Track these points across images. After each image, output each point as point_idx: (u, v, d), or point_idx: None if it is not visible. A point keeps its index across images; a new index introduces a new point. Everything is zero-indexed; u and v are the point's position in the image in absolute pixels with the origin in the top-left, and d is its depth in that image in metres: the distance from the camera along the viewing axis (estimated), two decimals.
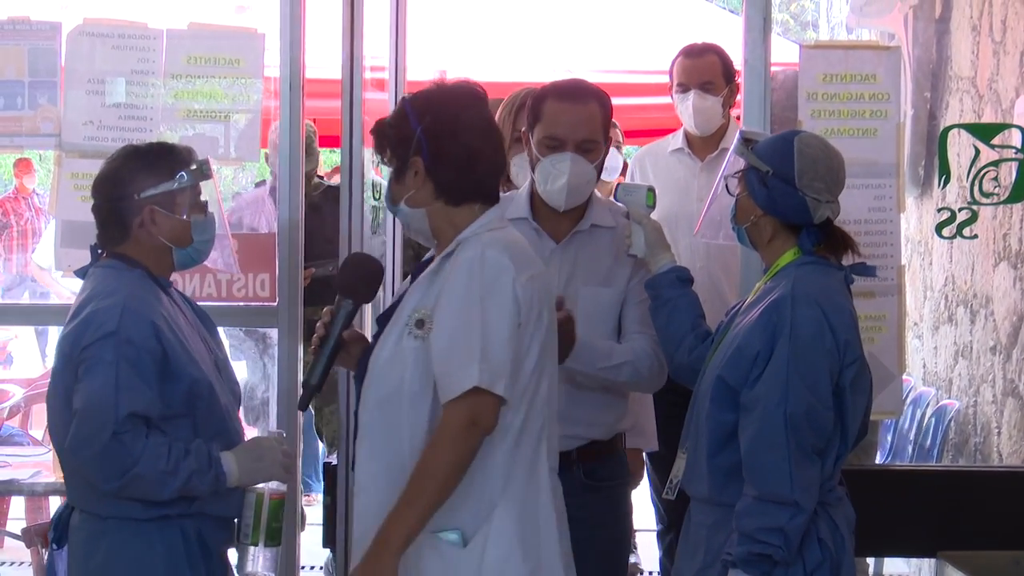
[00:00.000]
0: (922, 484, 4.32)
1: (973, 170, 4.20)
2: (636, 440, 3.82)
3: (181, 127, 4.19)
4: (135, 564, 3.12)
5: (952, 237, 4.47)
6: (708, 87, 4.51)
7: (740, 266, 4.06)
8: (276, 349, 4.24)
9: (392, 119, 2.97)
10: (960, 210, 4.25)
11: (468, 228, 2.91)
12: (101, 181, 3.26)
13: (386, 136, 2.96)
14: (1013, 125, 4.61)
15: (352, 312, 3.07)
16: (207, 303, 3.89)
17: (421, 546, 2.81)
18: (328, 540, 4.28)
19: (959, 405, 5.93)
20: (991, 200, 4.28)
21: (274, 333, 4.27)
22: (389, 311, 3.02)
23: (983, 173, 4.20)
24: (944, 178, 4.30)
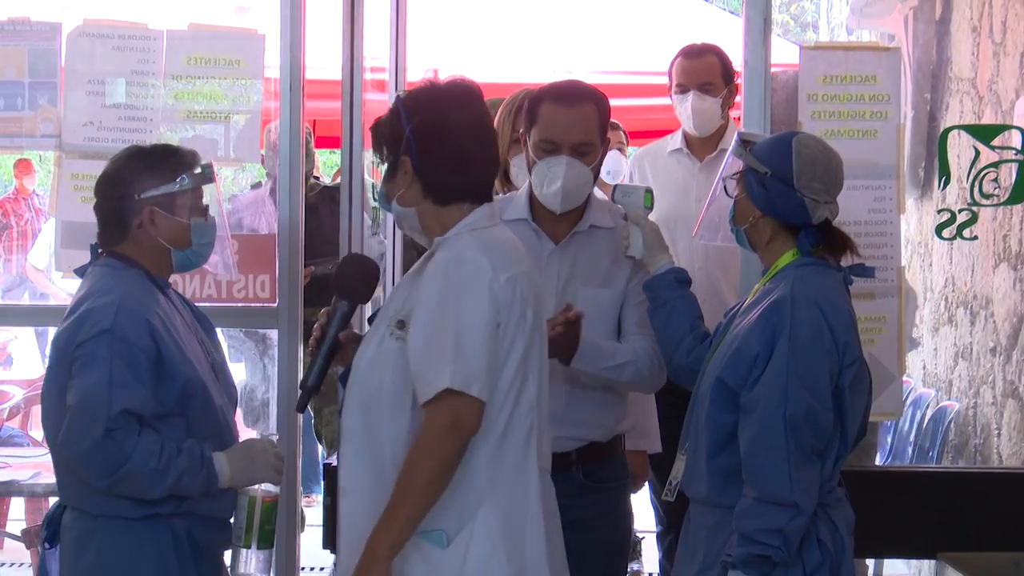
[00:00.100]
0: (922, 485, 4.31)
1: (973, 171, 4.20)
2: (640, 442, 3.81)
3: (181, 128, 4.20)
4: (125, 563, 3.13)
5: (952, 238, 4.47)
6: (707, 88, 4.50)
7: (740, 267, 4.06)
8: (276, 350, 4.24)
9: (386, 117, 2.95)
10: (960, 211, 4.25)
11: (453, 228, 2.88)
12: (103, 180, 3.27)
13: (381, 134, 2.95)
14: (1013, 126, 4.61)
15: (348, 313, 3.07)
16: (207, 304, 3.89)
17: (405, 547, 2.78)
18: (328, 541, 4.27)
19: (959, 406, 5.93)
20: (991, 201, 4.28)
21: (274, 334, 4.27)
22: (378, 312, 3.01)
23: (983, 174, 4.19)
24: (944, 179, 4.30)
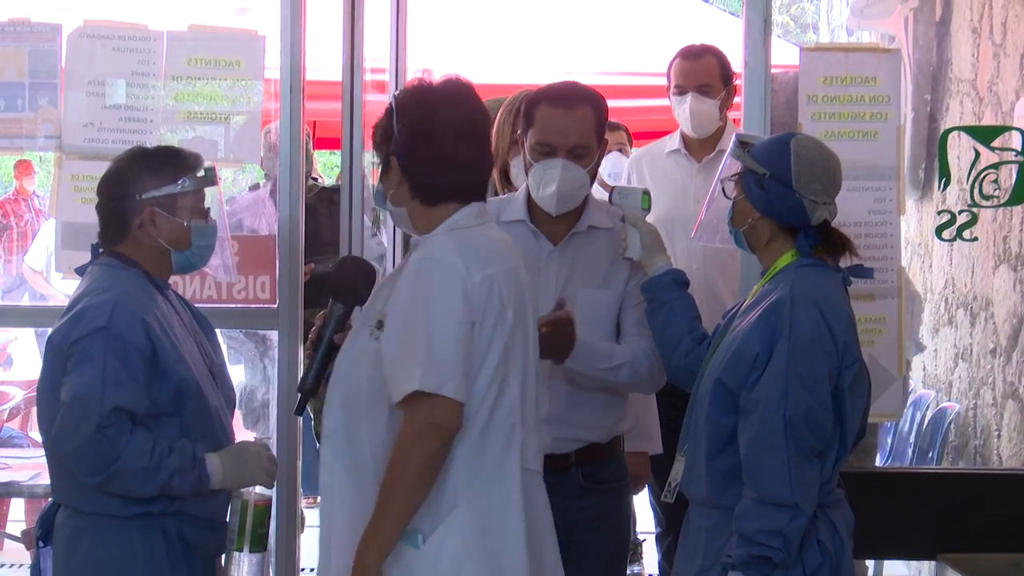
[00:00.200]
0: (922, 486, 4.31)
1: (973, 172, 4.20)
2: (641, 443, 3.80)
3: (181, 129, 4.19)
4: (116, 561, 3.13)
5: (952, 239, 4.47)
6: (705, 89, 4.49)
7: (737, 268, 4.06)
8: (276, 351, 4.24)
9: (382, 116, 2.95)
10: (960, 212, 4.25)
11: (436, 228, 2.87)
12: (105, 180, 3.29)
13: (376, 133, 2.96)
14: (1013, 128, 4.61)
15: (344, 315, 3.05)
16: (207, 305, 3.89)
17: None
18: None
19: (959, 408, 5.93)
20: (991, 202, 4.28)
21: (274, 335, 4.27)
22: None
23: (983, 175, 4.19)
24: (944, 180, 4.29)
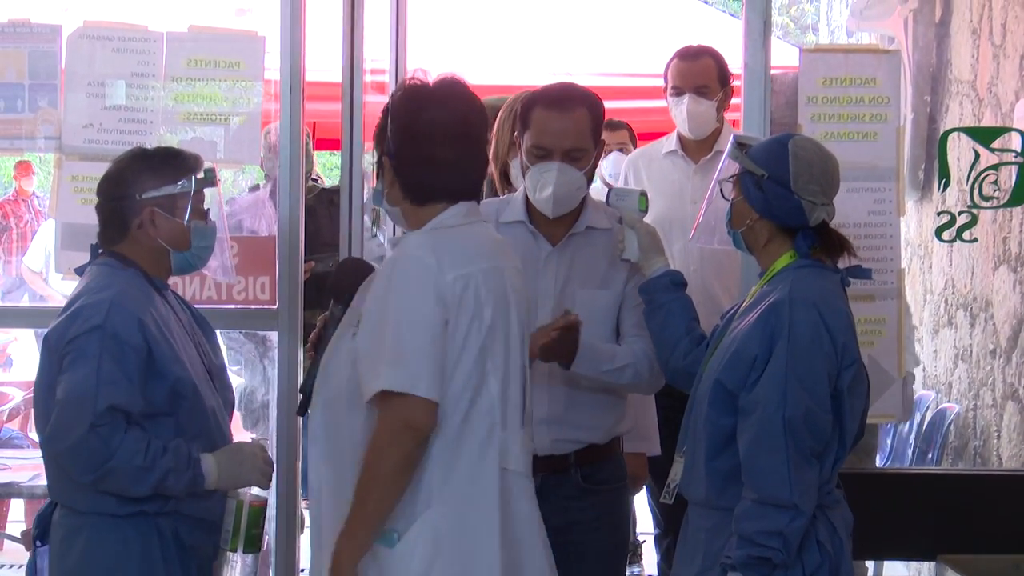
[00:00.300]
0: (922, 487, 4.31)
1: (973, 174, 4.20)
2: (639, 444, 3.80)
3: (181, 130, 4.19)
4: (111, 560, 3.14)
5: (952, 241, 4.47)
6: (703, 91, 4.49)
7: (734, 270, 4.06)
8: (276, 352, 4.24)
9: (381, 116, 2.95)
10: (960, 213, 4.25)
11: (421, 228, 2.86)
12: (105, 180, 3.30)
13: (375, 133, 2.96)
14: (1013, 129, 4.61)
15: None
16: (206, 306, 3.89)
17: None
18: None
19: (959, 409, 5.93)
20: (991, 204, 4.28)
21: (274, 336, 4.26)
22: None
23: (983, 177, 4.19)
24: (944, 182, 4.29)
